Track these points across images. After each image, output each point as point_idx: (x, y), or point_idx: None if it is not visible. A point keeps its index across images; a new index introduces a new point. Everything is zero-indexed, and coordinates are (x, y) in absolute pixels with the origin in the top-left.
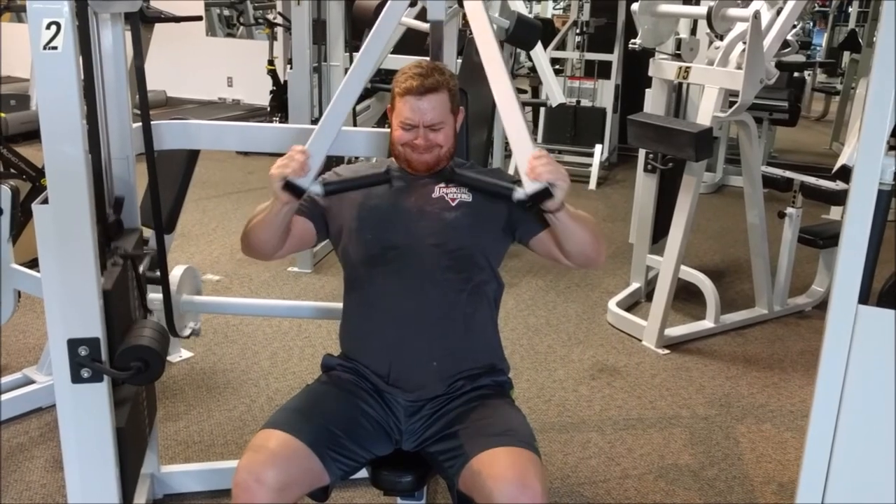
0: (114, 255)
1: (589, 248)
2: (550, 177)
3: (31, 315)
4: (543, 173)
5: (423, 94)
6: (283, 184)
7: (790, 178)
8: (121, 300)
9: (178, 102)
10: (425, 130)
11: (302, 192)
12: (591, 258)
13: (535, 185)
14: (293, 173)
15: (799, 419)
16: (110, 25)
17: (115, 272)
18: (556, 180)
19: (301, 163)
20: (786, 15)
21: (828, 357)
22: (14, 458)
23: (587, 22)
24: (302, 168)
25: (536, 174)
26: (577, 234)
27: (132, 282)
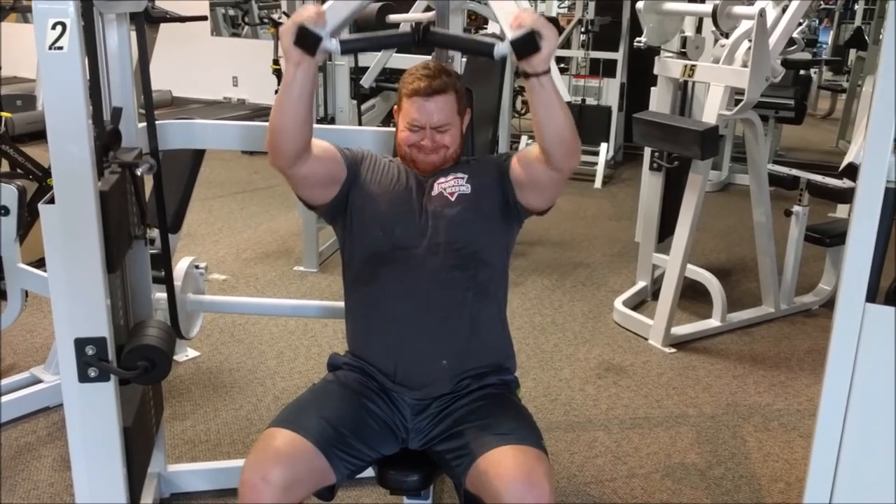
0: (111, 163)
1: (569, 133)
2: (536, 24)
3: (39, 314)
4: (528, 20)
5: (430, 95)
6: (297, 34)
7: (796, 176)
8: (119, 205)
9: (183, 102)
10: (432, 132)
11: (316, 42)
12: (571, 148)
13: (519, 31)
14: (308, 20)
15: (806, 418)
16: (115, 25)
17: (112, 178)
18: (542, 27)
19: (317, 12)
20: (791, 12)
21: (835, 355)
22: (22, 457)
23: (592, 20)
24: (318, 16)
25: (520, 21)
26: (558, 112)
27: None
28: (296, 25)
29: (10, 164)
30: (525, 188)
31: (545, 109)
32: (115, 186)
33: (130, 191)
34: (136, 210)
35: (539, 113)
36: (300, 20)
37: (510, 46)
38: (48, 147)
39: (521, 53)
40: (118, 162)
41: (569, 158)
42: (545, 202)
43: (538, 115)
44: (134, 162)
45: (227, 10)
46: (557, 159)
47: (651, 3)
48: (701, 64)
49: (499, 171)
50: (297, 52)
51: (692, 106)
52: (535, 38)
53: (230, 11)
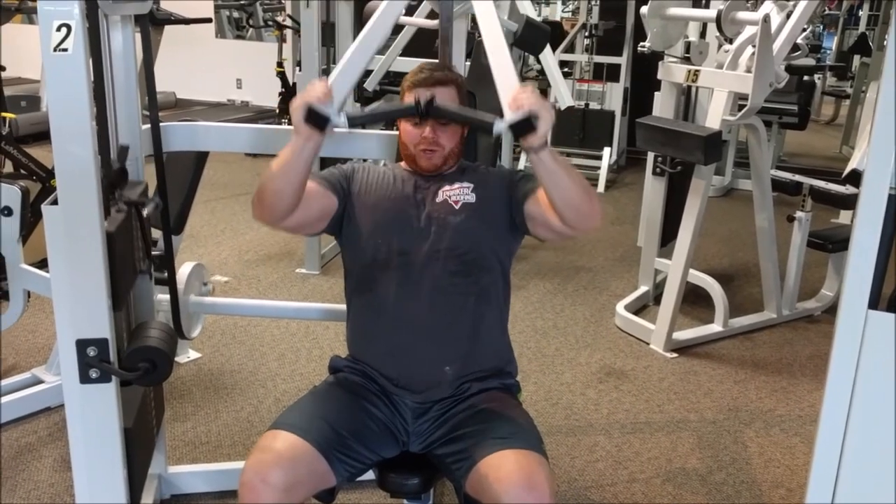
0: (118, 202)
1: (578, 199)
2: (534, 107)
3: (41, 315)
4: (526, 103)
5: (432, 85)
6: (306, 113)
7: (799, 181)
8: (124, 245)
9: (187, 104)
10: (433, 123)
11: (325, 122)
12: (584, 213)
13: (517, 114)
14: (316, 99)
15: (808, 424)
16: (120, 27)
17: (118, 217)
18: (539, 110)
19: (324, 90)
20: (796, 18)
21: (837, 362)
22: (23, 457)
23: (596, 25)
24: (326, 95)
25: (519, 104)
26: (563, 181)
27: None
28: (305, 106)
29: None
30: (536, 226)
31: (548, 179)
32: (122, 226)
33: (136, 226)
34: (142, 245)
35: (543, 182)
36: (309, 100)
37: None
38: (52, 148)
39: (518, 135)
40: (125, 200)
41: (583, 221)
42: (552, 238)
43: (543, 185)
44: (141, 200)
45: (231, 13)
46: (570, 221)
47: (655, 7)
48: (705, 69)
49: (508, 191)
50: (307, 129)
51: (695, 111)
52: (531, 121)
53: (234, 14)
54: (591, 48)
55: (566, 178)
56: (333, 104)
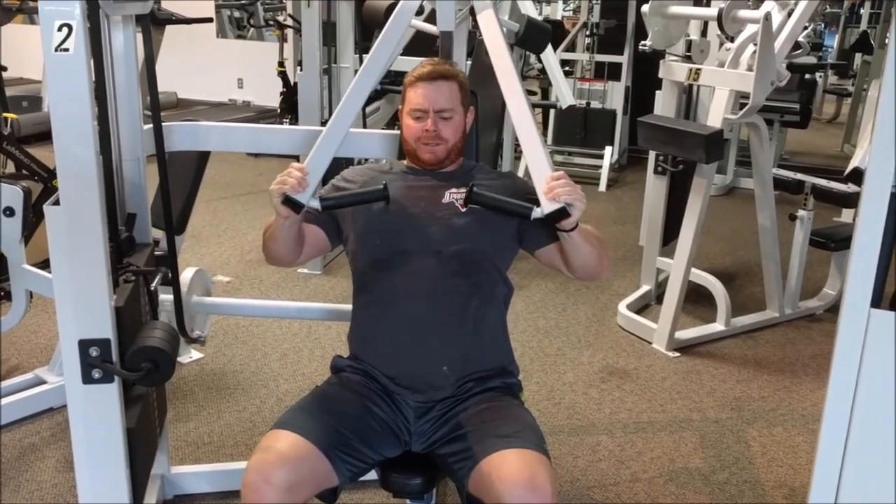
0: (126, 271)
1: (594, 264)
2: (569, 198)
3: (43, 315)
4: (562, 194)
5: (434, 79)
6: (283, 199)
7: (801, 180)
8: (132, 317)
9: (188, 104)
10: (435, 116)
11: (300, 208)
12: (594, 274)
13: (553, 205)
14: (291, 189)
15: (810, 423)
16: (121, 27)
17: (127, 289)
18: (575, 201)
19: (299, 178)
20: (797, 16)
21: (840, 361)
22: (25, 457)
23: (597, 23)
24: (300, 184)
25: (555, 195)
26: (585, 252)
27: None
28: (281, 195)
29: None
30: (544, 263)
31: (572, 253)
32: (130, 298)
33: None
34: (149, 310)
35: (567, 253)
36: (283, 191)
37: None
38: (53, 148)
39: (552, 222)
40: (133, 270)
41: (592, 277)
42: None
43: (565, 254)
44: (148, 270)
45: (232, 12)
46: (580, 275)
47: (656, 6)
48: (706, 68)
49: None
50: (284, 210)
51: (697, 110)
52: (566, 210)
53: (236, 13)
54: (592, 47)
55: (588, 249)
56: (308, 189)
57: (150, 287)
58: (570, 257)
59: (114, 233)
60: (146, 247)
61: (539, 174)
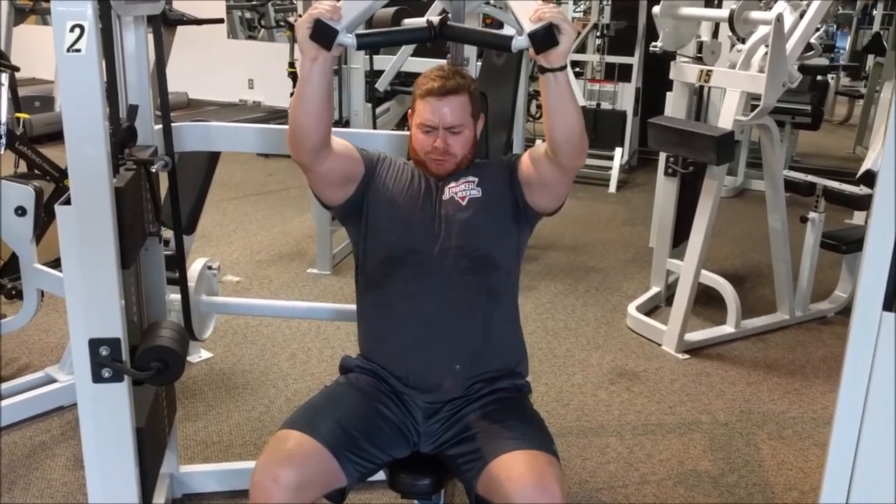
0: (126, 160)
1: (577, 129)
2: (556, 18)
3: (54, 314)
4: (548, 14)
5: (443, 95)
6: (312, 30)
7: (813, 182)
8: (133, 202)
9: (199, 104)
10: (444, 133)
11: (332, 37)
12: (578, 146)
13: (538, 24)
14: (324, 14)
15: (821, 426)
16: (133, 28)
17: (127, 175)
18: (562, 22)
19: (333, 6)
20: (809, 17)
21: (851, 364)
22: (36, 455)
23: (608, 25)
24: (334, 9)
25: (540, 14)
26: (570, 108)
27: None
28: (311, 18)
29: (27, 164)
30: (532, 187)
31: (557, 105)
32: (130, 183)
33: (145, 188)
34: (151, 207)
35: (551, 108)
36: (316, 13)
37: (528, 40)
38: (65, 148)
39: (538, 47)
40: (133, 159)
41: (575, 157)
42: (553, 201)
43: (549, 111)
44: (149, 159)
45: (243, 13)
46: (563, 157)
47: (667, 7)
48: (717, 69)
49: (508, 172)
50: (313, 47)
51: (708, 111)
52: (553, 32)
53: (246, 14)
54: (602, 48)
55: (572, 105)
56: (342, 22)
57: (150, 175)
58: (555, 121)
59: (115, 122)
60: (148, 147)
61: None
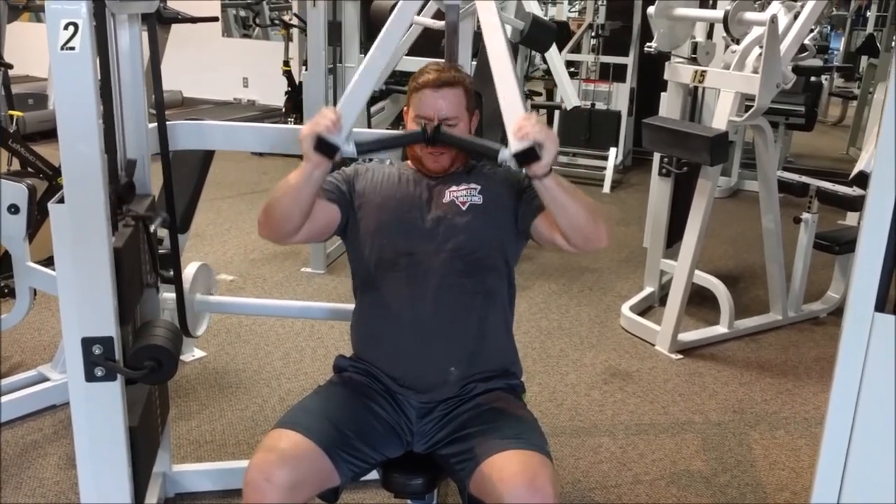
0: (125, 216)
1: (584, 223)
2: (538, 136)
3: (47, 313)
4: (531, 132)
5: (438, 87)
6: (316, 142)
7: (806, 183)
8: (132, 260)
9: (193, 103)
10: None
11: (334, 151)
12: (589, 236)
13: (522, 143)
14: (325, 130)
15: (813, 426)
16: (127, 26)
17: (126, 232)
18: (544, 140)
19: (333, 120)
20: (803, 19)
21: (843, 364)
22: (28, 455)
23: (602, 25)
24: (334, 125)
25: (523, 133)
26: (569, 207)
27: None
28: (315, 136)
29: (20, 162)
30: (543, 241)
31: (553, 205)
32: (129, 241)
33: (143, 239)
34: (149, 258)
35: (548, 208)
36: (318, 130)
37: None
38: (59, 146)
39: (522, 164)
40: (132, 214)
41: (589, 243)
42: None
43: (549, 210)
44: (148, 215)
45: (238, 12)
46: (576, 243)
47: (662, 8)
48: (711, 70)
49: (515, 200)
50: (317, 157)
51: (702, 112)
52: (535, 151)
53: (241, 12)
54: (597, 48)
55: (571, 203)
56: (342, 132)
57: (149, 231)
58: (556, 216)
59: (113, 177)
60: (146, 196)
61: (510, 115)
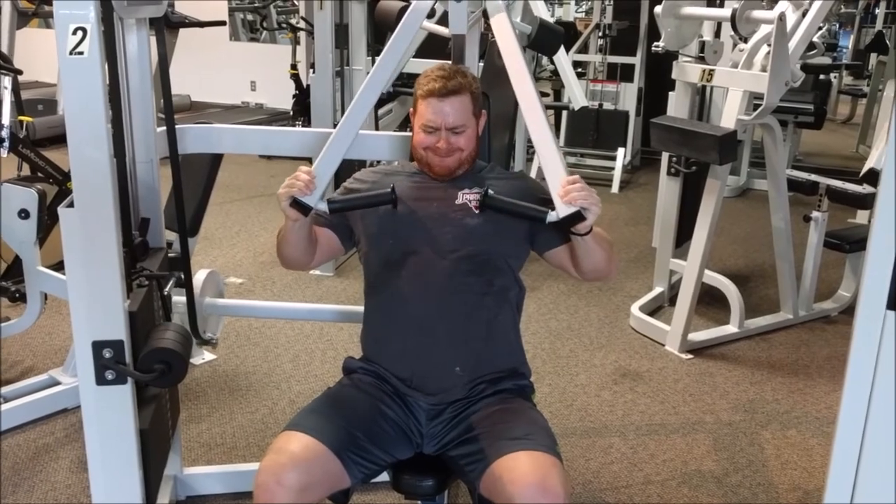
0: (139, 276)
1: (603, 267)
2: (584, 202)
3: (58, 317)
4: (578, 199)
5: (445, 96)
6: (290, 202)
7: (816, 181)
8: (146, 321)
9: (202, 106)
10: (447, 133)
11: (307, 210)
12: (602, 276)
13: (569, 208)
14: (299, 192)
15: (825, 426)
16: (135, 31)
17: (140, 294)
18: (591, 205)
19: (306, 181)
20: (811, 17)
21: (855, 363)
22: (40, 458)
23: (610, 25)
24: (307, 186)
25: (570, 199)
26: (596, 255)
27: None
28: (289, 198)
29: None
30: (553, 265)
31: (584, 256)
32: (144, 303)
33: (157, 297)
34: (162, 314)
35: (577, 256)
36: (291, 193)
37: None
38: (68, 151)
39: (567, 226)
40: (147, 274)
41: (599, 278)
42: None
43: (576, 256)
44: (162, 274)
45: (245, 16)
46: (588, 277)
47: (669, 7)
48: (719, 68)
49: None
50: (293, 213)
51: (710, 111)
52: (581, 215)
53: (248, 16)
54: (604, 48)
55: (599, 252)
56: (317, 191)
57: (163, 291)
58: (581, 260)
59: (127, 238)
60: (159, 251)
61: (554, 177)
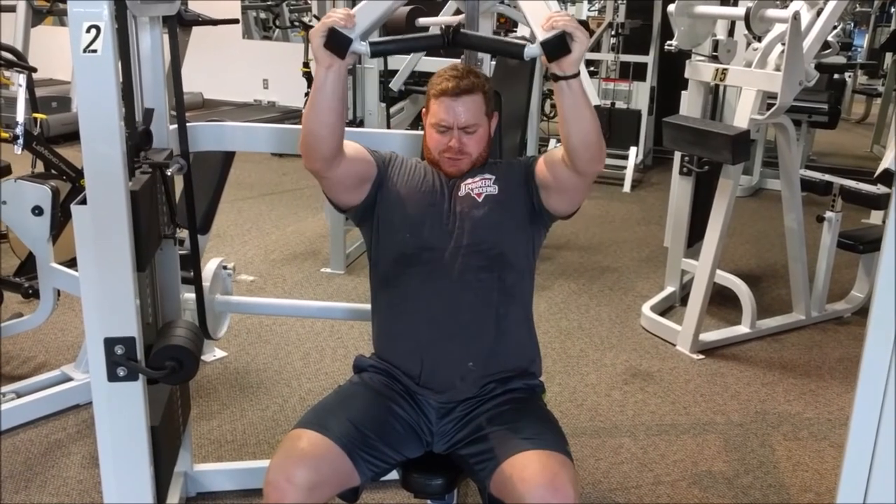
0: (142, 164)
1: (595, 137)
2: (568, 26)
3: (70, 314)
4: (560, 22)
5: (458, 95)
6: (326, 38)
7: (829, 181)
8: (149, 205)
9: (214, 104)
10: (459, 132)
11: (345, 46)
12: (596, 152)
13: (551, 32)
14: (338, 22)
15: (837, 428)
16: (148, 28)
17: (142, 178)
18: (575, 30)
19: (347, 14)
20: (826, 16)
21: (868, 364)
22: (52, 454)
23: (622, 23)
24: (348, 18)
25: (552, 23)
26: (585, 114)
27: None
28: (326, 27)
29: (44, 164)
30: (549, 190)
31: (572, 112)
32: (146, 186)
33: (161, 190)
34: (167, 209)
35: (565, 115)
36: (330, 22)
37: (540, 48)
38: (81, 148)
39: (551, 56)
40: (149, 162)
41: (593, 163)
42: (569, 206)
43: (564, 118)
44: (164, 162)
45: (258, 13)
46: (582, 163)
47: (683, 6)
48: (733, 68)
49: (525, 173)
50: (327, 55)
51: (723, 110)
52: (565, 41)
53: (261, 14)
54: (617, 47)
55: (588, 111)
56: (356, 30)
57: (166, 182)
58: (570, 124)
59: (130, 125)
60: (163, 150)
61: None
